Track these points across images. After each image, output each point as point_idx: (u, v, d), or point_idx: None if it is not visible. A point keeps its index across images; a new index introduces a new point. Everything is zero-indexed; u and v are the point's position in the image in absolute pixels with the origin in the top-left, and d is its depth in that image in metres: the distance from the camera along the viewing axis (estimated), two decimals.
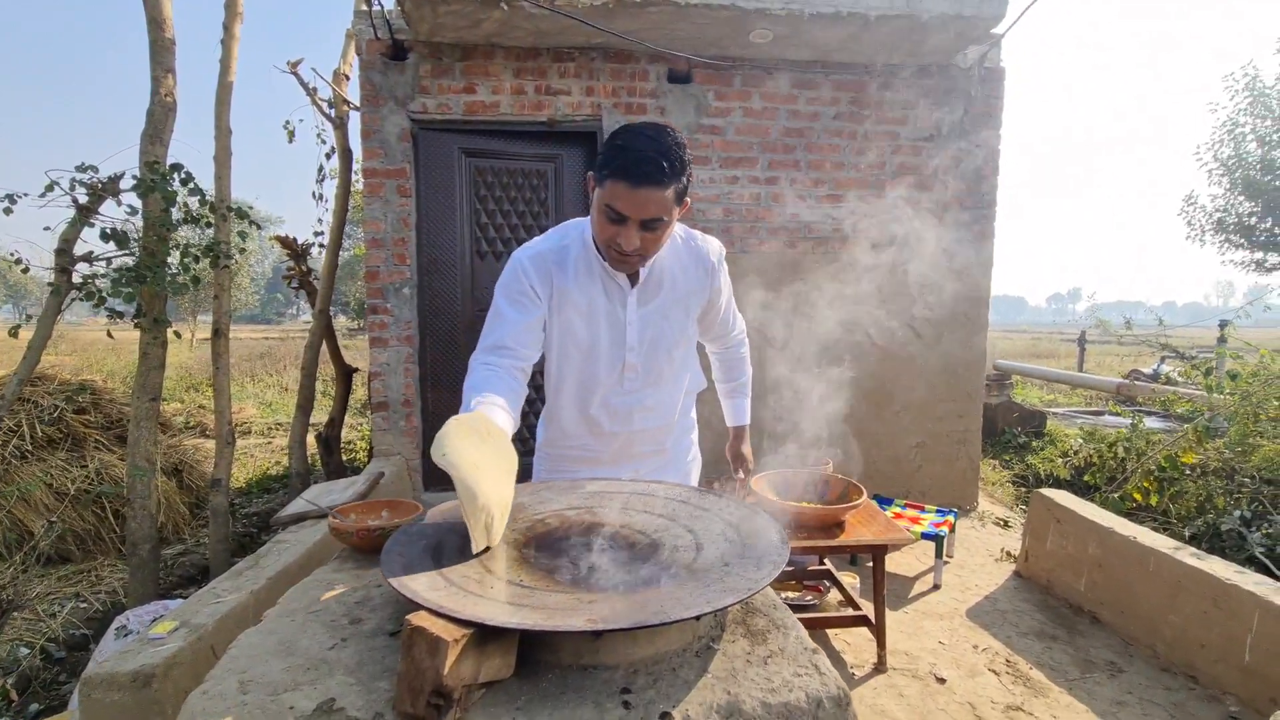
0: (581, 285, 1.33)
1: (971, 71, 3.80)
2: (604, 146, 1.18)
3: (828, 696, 0.75)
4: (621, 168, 1.13)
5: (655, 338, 1.38)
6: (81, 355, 9.29)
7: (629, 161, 1.13)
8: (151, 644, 1.64)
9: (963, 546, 3.45)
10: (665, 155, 1.13)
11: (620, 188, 1.14)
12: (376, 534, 1.13)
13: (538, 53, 3.53)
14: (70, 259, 2.34)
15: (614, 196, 1.15)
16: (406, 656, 0.68)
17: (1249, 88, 10.67)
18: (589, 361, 1.37)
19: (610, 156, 1.15)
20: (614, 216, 1.17)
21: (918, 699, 2.13)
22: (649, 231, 1.19)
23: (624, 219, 1.17)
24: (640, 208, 1.15)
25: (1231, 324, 6.93)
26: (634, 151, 1.13)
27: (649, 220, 1.17)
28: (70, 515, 3.33)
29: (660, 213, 1.17)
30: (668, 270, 1.37)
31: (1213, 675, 2.13)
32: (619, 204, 1.15)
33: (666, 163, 1.13)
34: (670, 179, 1.15)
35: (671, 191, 1.16)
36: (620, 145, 1.15)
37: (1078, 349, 12.91)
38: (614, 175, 1.14)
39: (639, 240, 1.19)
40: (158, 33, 2.58)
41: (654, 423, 1.47)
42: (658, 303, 1.37)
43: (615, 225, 1.18)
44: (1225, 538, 2.93)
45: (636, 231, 1.18)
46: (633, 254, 1.21)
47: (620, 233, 1.18)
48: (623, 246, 1.19)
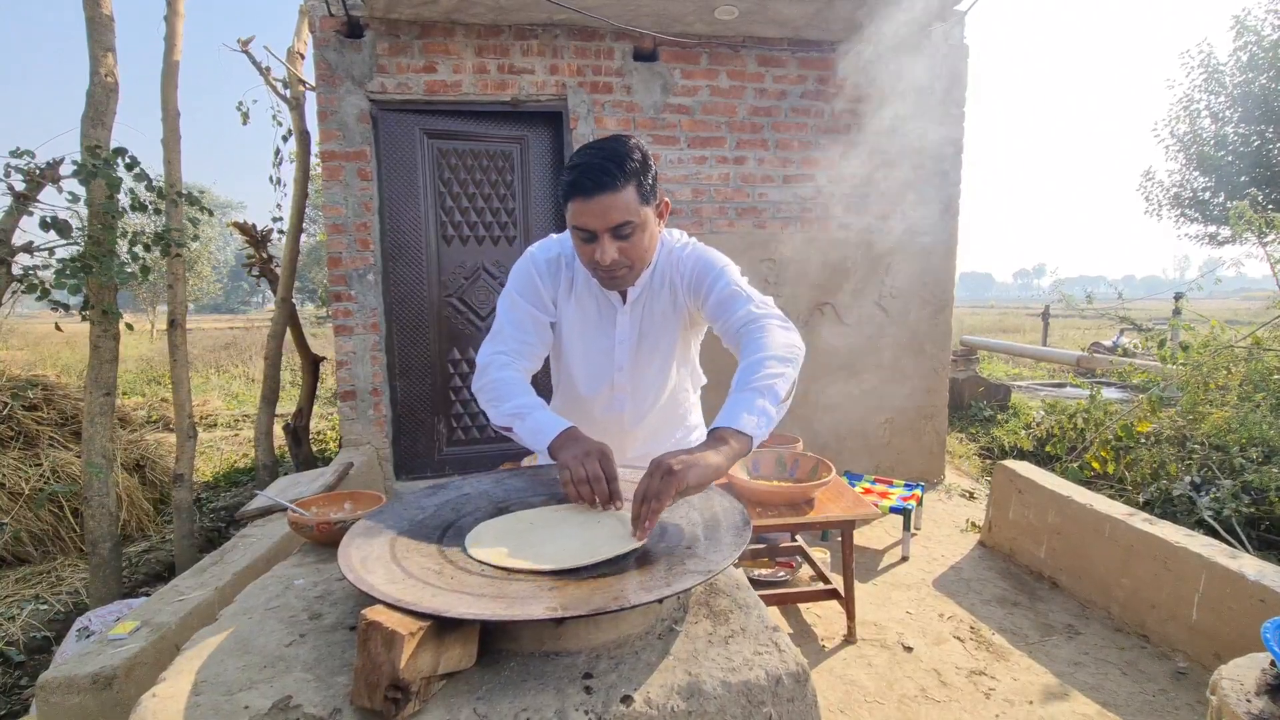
0: (583, 297, 1.34)
1: (936, 49, 3.81)
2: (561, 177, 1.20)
3: (787, 673, 0.76)
4: (574, 183, 1.14)
5: (643, 356, 1.37)
6: (33, 349, 8.94)
7: (579, 175, 1.13)
8: (112, 645, 1.60)
9: (930, 519, 3.54)
10: (614, 159, 1.12)
11: (578, 203, 1.14)
12: (337, 526, 1.11)
13: (499, 30, 3.44)
14: (9, 249, 2.23)
15: (577, 215, 1.15)
16: (363, 651, 0.67)
17: (1203, 64, 10.92)
18: (577, 375, 1.39)
19: (564, 179, 1.16)
20: (585, 235, 1.17)
21: (886, 667, 2.19)
22: (623, 240, 1.17)
23: (593, 234, 1.16)
24: (602, 216, 1.13)
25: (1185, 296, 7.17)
26: (582, 166, 1.13)
27: (617, 227, 1.15)
28: (26, 515, 3.22)
29: (626, 216, 1.14)
30: (657, 286, 1.34)
31: (1163, 634, 2.23)
32: (582, 219, 1.15)
33: (615, 165, 1.12)
34: (624, 180, 1.13)
35: (631, 193, 1.14)
36: (570, 165, 1.15)
37: (1042, 323, 13.25)
38: (570, 193, 1.14)
39: (615, 251, 1.17)
40: (95, 9, 2.46)
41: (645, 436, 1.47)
42: (647, 319, 1.35)
43: (589, 245, 1.18)
44: (1177, 503, 3.06)
45: (611, 242, 1.16)
46: (614, 268, 1.19)
47: (595, 249, 1.17)
48: (600, 261, 1.17)
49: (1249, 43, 10.23)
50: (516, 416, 1.16)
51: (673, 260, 1.34)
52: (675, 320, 1.37)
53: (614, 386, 1.37)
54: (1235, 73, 10.59)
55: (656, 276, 1.34)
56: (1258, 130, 10.38)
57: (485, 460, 3.75)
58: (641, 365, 1.38)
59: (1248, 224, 3.63)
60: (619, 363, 1.36)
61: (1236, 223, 3.71)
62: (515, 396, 1.19)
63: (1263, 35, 10.07)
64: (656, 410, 1.44)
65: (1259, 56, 10.04)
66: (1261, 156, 10.32)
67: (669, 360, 1.41)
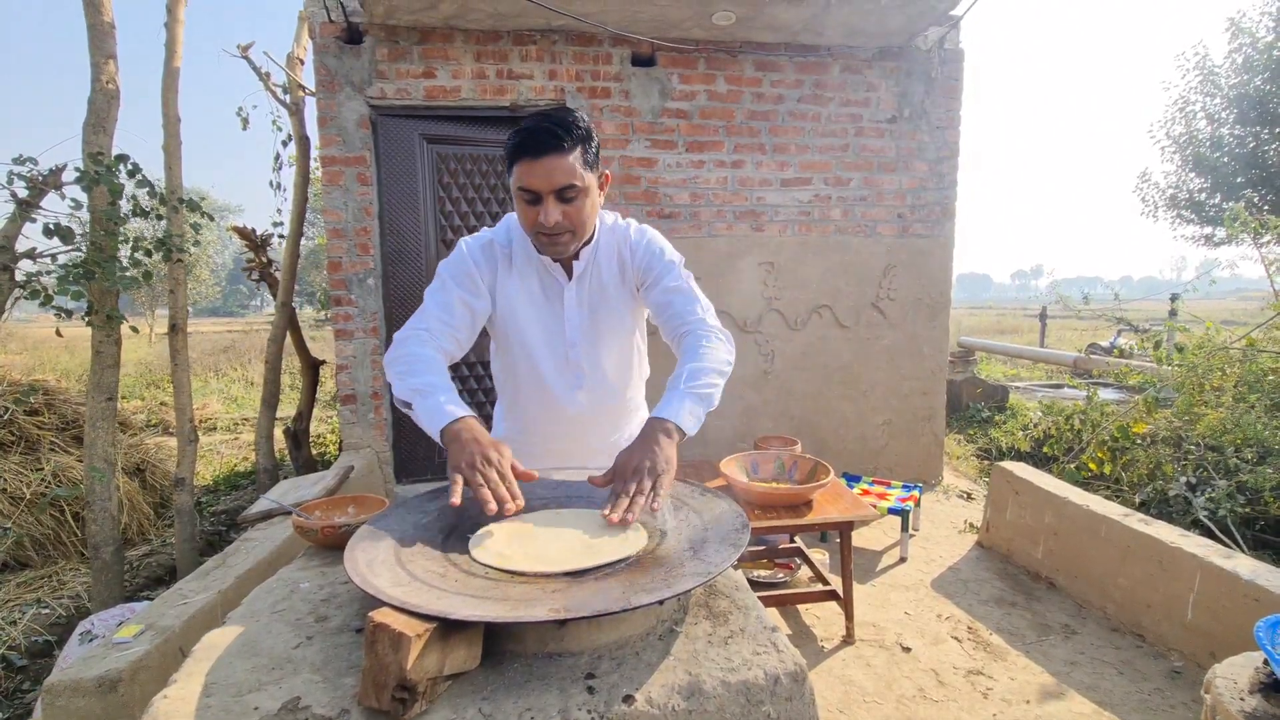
0: (525, 279, 1.33)
1: (931, 53, 3.84)
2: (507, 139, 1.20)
3: (785, 673, 0.78)
4: (521, 145, 1.16)
5: (594, 332, 1.37)
6: (33, 354, 8.95)
7: (526, 138, 1.16)
8: (117, 648, 1.61)
9: (928, 520, 3.56)
10: (560, 125, 1.16)
11: (524, 165, 1.16)
12: (342, 530, 1.13)
13: (498, 35, 3.46)
14: (11, 256, 2.24)
15: (522, 176, 1.17)
16: (370, 652, 0.69)
17: (1199, 66, 10.96)
18: (533, 355, 1.36)
19: (511, 142, 1.18)
20: (529, 197, 1.19)
21: (884, 668, 2.21)
22: (567, 204, 1.19)
23: (538, 195, 1.18)
24: (547, 177, 1.16)
25: (1181, 297, 7.20)
26: (529, 129, 1.16)
27: (561, 190, 1.17)
28: (27, 520, 3.23)
29: (570, 179, 1.17)
30: (601, 261, 1.36)
31: (1158, 633, 2.25)
32: (528, 180, 1.17)
33: (562, 129, 1.16)
34: (571, 144, 1.16)
35: (576, 158, 1.17)
36: (517, 130, 1.18)
37: (1040, 324, 13.29)
38: (518, 155, 1.17)
39: (559, 213, 1.19)
40: (96, 16, 2.47)
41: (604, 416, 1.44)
42: (595, 295, 1.36)
43: (534, 206, 1.19)
44: (1173, 503, 3.08)
45: (555, 205, 1.18)
46: (558, 231, 1.20)
47: (540, 211, 1.19)
48: (544, 223, 1.19)
49: (1244, 45, 10.27)
50: (419, 393, 1.12)
51: (619, 236, 1.37)
52: (626, 297, 1.38)
53: (569, 362, 1.36)
54: (1230, 75, 10.64)
55: (601, 252, 1.35)
56: (1253, 132, 10.42)
57: None
58: (596, 342, 1.37)
59: (1243, 226, 3.65)
60: (571, 339, 1.35)
61: (1231, 225, 3.74)
62: (424, 374, 1.15)
63: (1258, 37, 10.12)
64: (614, 392, 1.43)
65: (1254, 59, 10.09)
66: (1257, 158, 10.36)
67: (622, 338, 1.41)
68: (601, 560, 0.88)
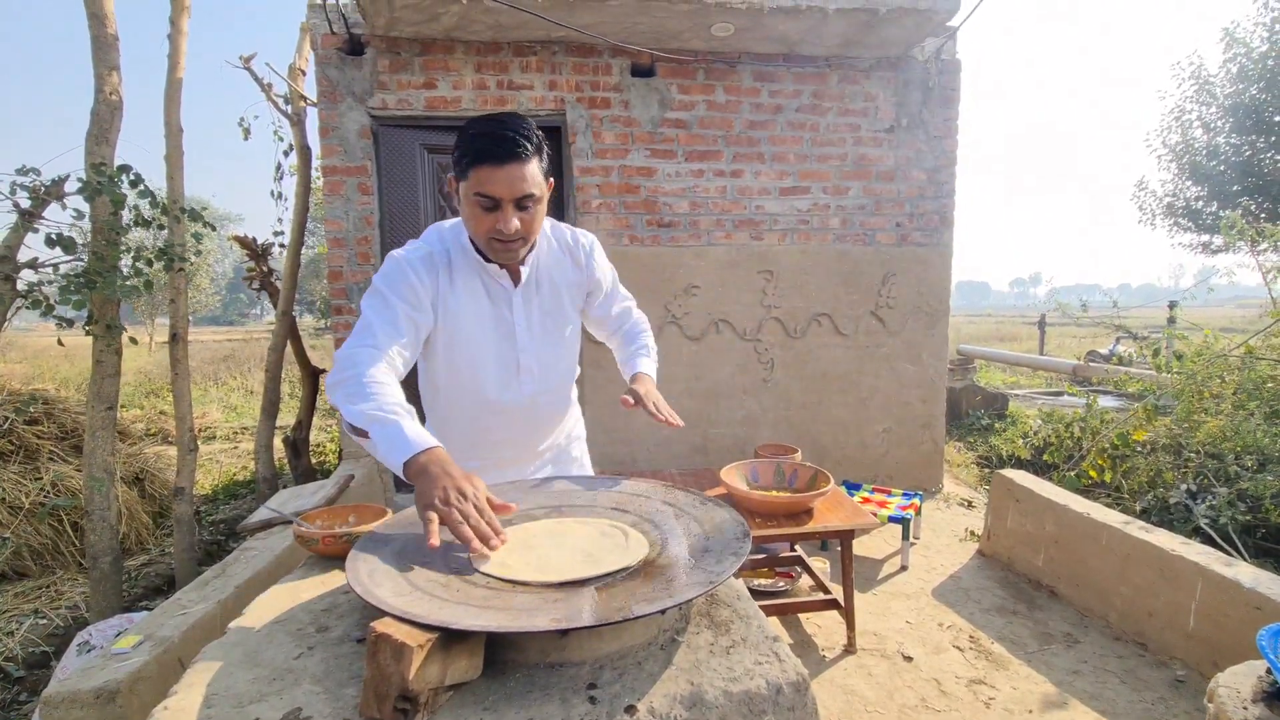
0: (468, 288, 1.29)
1: (929, 63, 3.87)
2: (458, 142, 1.18)
3: (787, 682, 0.78)
4: (484, 151, 1.13)
5: (544, 336, 1.37)
6: (32, 363, 8.94)
7: (489, 144, 1.13)
8: (115, 659, 1.60)
9: (929, 528, 3.55)
10: (520, 132, 1.14)
11: (486, 170, 1.14)
12: (343, 540, 1.13)
13: (499, 47, 3.49)
14: (13, 266, 2.25)
15: (482, 182, 1.14)
16: (372, 663, 0.69)
17: (1194, 76, 11.05)
18: (479, 367, 1.32)
19: (468, 147, 1.15)
20: (487, 204, 1.16)
21: (886, 677, 2.20)
22: (524, 212, 1.19)
23: (497, 203, 1.16)
24: (510, 186, 1.15)
25: (1179, 305, 7.22)
26: (491, 135, 1.13)
27: (522, 199, 1.17)
28: (25, 530, 3.22)
29: (531, 188, 1.17)
30: (545, 267, 1.36)
31: (1161, 642, 2.24)
32: (489, 187, 1.15)
33: (524, 138, 1.14)
34: (532, 153, 1.16)
35: (536, 166, 1.17)
36: (475, 134, 1.15)
37: (1038, 332, 13.31)
38: (478, 161, 1.14)
39: (517, 222, 1.18)
40: (100, 28, 2.49)
41: (550, 419, 1.46)
42: (542, 300, 1.36)
43: (491, 213, 1.17)
44: (1173, 510, 3.08)
45: (514, 213, 1.17)
46: (514, 239, 1.20)
47: (497, 219, 1.17)
48: (503, 231, 1.18)
49: (1238, 54, 10.36)
50: (376, 420, 1.03)
51: (560, 239, 1.40)
52: (577, 298, 1.43)
53: (519, 368, 1.34)
54: (1226, 84, 10.72)
55: (544, 255, 1.36)
56: (1249, 140, 10.49)
57: None
58: (546, 345, 1.38)
59: (1240, 234, 3.67)
60: (522, 344, 1.34)
61: (1229, 233, 3.76)
62: (380, 396, 1.06)
63: (1252, 47, 10.21)
64: (557, 392, 1.44)
65: (1248, 68, 10.17)
66: (1253, 166, 10.43)
67: (570, 339, 1.44)
68: (603, 570, 0.89)
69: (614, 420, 3.75)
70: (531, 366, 1.36)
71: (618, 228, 3.70)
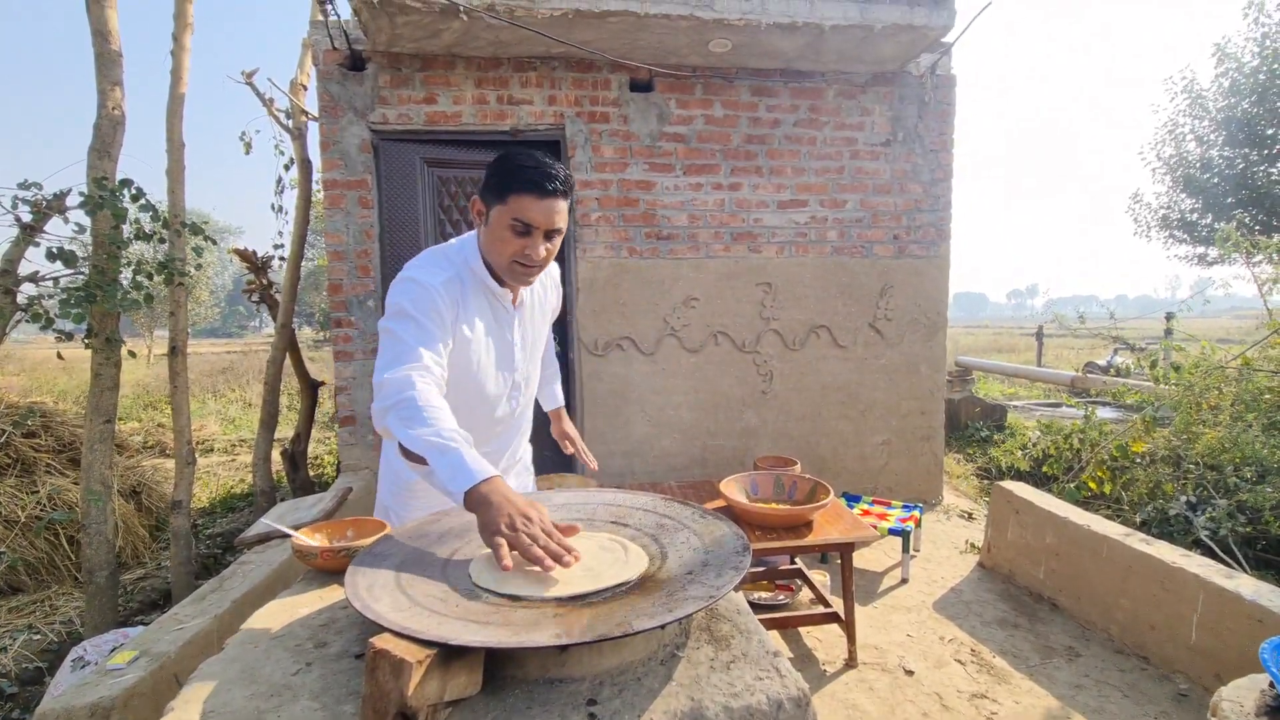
0: (478, 310, 1.34)
1: (924, 78, 3.92)
2: (497, 169, 1.23)
3: (788, 698, 0.78)
4: (531, 181, 1.19)
5: (532, 356, 1.48)
6: (30, 375, 8.93)
7: (537, 175, 1.19)
8: (110, 675, 1.59)
9: (929, 540, 3.54)
10: (563, 172, 1.23)
11: (529, 200, 1.20)
12: (342, 554, 1.12)
13: (499, 62, 3.53)
14: (14, 279, 2.26)
15: (522, 209, 1.21)
16: (370, 679, 0.68)
17: (1187, 90, 11.17)
18: (484, 384, 1.37)
19: (513, 173, 1.20)
20: (521, 230, 1.23)
21: (887, 692, 2.18)
22: (549, 242, 1.26)
23: (530, 230, 1.23)
24: (548, 217, 1.22)
25: (1176, 316, 7.25)
26: (538, 167, 1.20)
27: (552, 231, 1.25)
28: (21, 544, 3.20)
29: (563, 223, 1.26)
30: (535, 293, 1.47)
31: (1163, 655, 2.23)
32: (528, 215, 1.21)
33: (566, 177, 1.23)
34: (570, 192, 1.26)
35: (568, 205, 1.27)
36: (520, 164, 1.21)
37: (1036, 343, 13.34)
38: (522, 189, 1.20)
39: (544, 250, 1.26)
40: (103, 44, 2.52)
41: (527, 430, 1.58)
42: (532, 322, 1.47)
43: (523, 238, 1.23)
44: (1173, 522, 3.07)
45: (542, 242, 1.25)
46: (536, 266, 1.28)
47: (528, 244, 1.24)
48: (532, 257, 1.25)
49: (1230, 69, 10.49)
50: (439, 449, 1.03)
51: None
52: (551, 316, 1.59)
53: (514, 386, 1.44)
54: (1218, 98, 10.84)
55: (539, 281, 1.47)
56: (1242, 154, 10.58)
57: None
58: (532, 364, 1.50)
59: (1235, 246, 3.69)
60: (518, 363, 1.43)
61: (1224, 245, 3.78)
62: (438, 422, 1.06)
63: (1243, 62, 10.33)
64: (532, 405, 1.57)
65: (1240, 82, 10.29)
66: (1246, 179, 10.51)
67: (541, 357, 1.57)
68: (602, 585, 0.88)
69: (613, 432, 3.75)
70: (522, 384, 1.46)
71: (617, 240, 3.72)
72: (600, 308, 3.70)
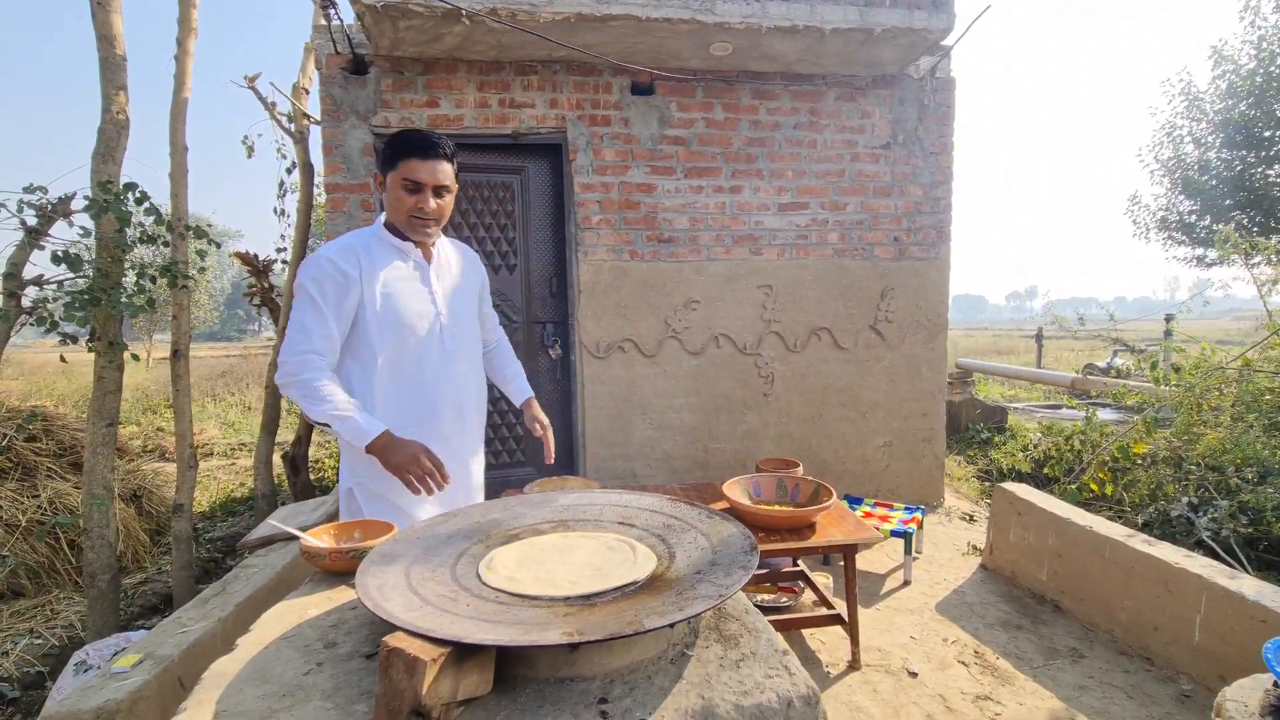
0: (389, 263, 1.58)
1: (924, 81, 3.93)
2: (389, 143, 1.51)
3: (798, 696, 0.78)
4: (417, 146, 1.49)
5: (456, 306, 1.68)
6: (29, 379, 8.91)
7: (419, 142, 1.49)
8: (115, 678, 1.59)
9: (931, 542, 3.54)
10: (441, 139, 1.52)
11: (415, 162, 1.49)
12: (350, 555, 1.13)
13: (501, 66, 3.54)
14: (19, 283, 2.26)
15: (411, 170, 1.49)
16: (384, 678, 0.69)
17: (1184, 92, 11.20)
18: (409, 330, 1.58)
19: (401, 143, 1.50)
20: (412, 187, 1.50)
21: (891, 694, 2.18)
22: (439, 199, 1.54)
23: (421, 187, 1.50)
24: (433, 175, 1.50)
25: (1176, 318, 7.26)
26: (419, 135, 1.50)
27: (440, 187, 1.52)
28: (22, 548, 3.20)
29: (447, 181, 1.54)
30: (450, 257, 1.71)
31: (1166, 656, 2.23)
32: (417, 174, 1.49)
33: (443, 142, 1.52)
34: (449, 154, 1.54)
35: (449, 166, 1.54)
36: (405, 137, 1.51)
37: (1036, 345, 13.35)
38: (408, 154, 1.49)
39: (435, 204, 1.53)
40: (108, 49, 2.53)
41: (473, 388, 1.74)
42: (450, 279, 1.69)
43: (414, 195, 1.51)
44: (1175, 523, 3.08)
45: (431, 197, 1.52)
46: (430, 218, 1.53)
47: (419, 199, 1.51)
48: (425, 210, 1.51)
49: (1227, 71, 10.51)
50: (340, 419, 1.43)
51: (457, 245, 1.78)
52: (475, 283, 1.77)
53: (442, 328, 1.63)
54: (1215, 100, 10.86)
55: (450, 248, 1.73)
56: (1239, 156, 10.61)
57: (490, 486, 3.74)
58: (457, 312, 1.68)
59: (1233, 248, 3.71)
60: (440, 307, 1.64)
61: (1222, 247, 3.79)
62: (332, 399, 1.44)
63: (1240, 64, 10.36)
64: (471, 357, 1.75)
65: (1237, 85, 10.31)
66: (1244, 181, 10.53)
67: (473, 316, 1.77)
68: (612, 584, 0.89)
69: (614, 434, 3.75)
70: (450, 329, 1.66)
71: (618, 243, 3.73)
72: (602, 310, 3.71)
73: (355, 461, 1.59)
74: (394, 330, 1.56)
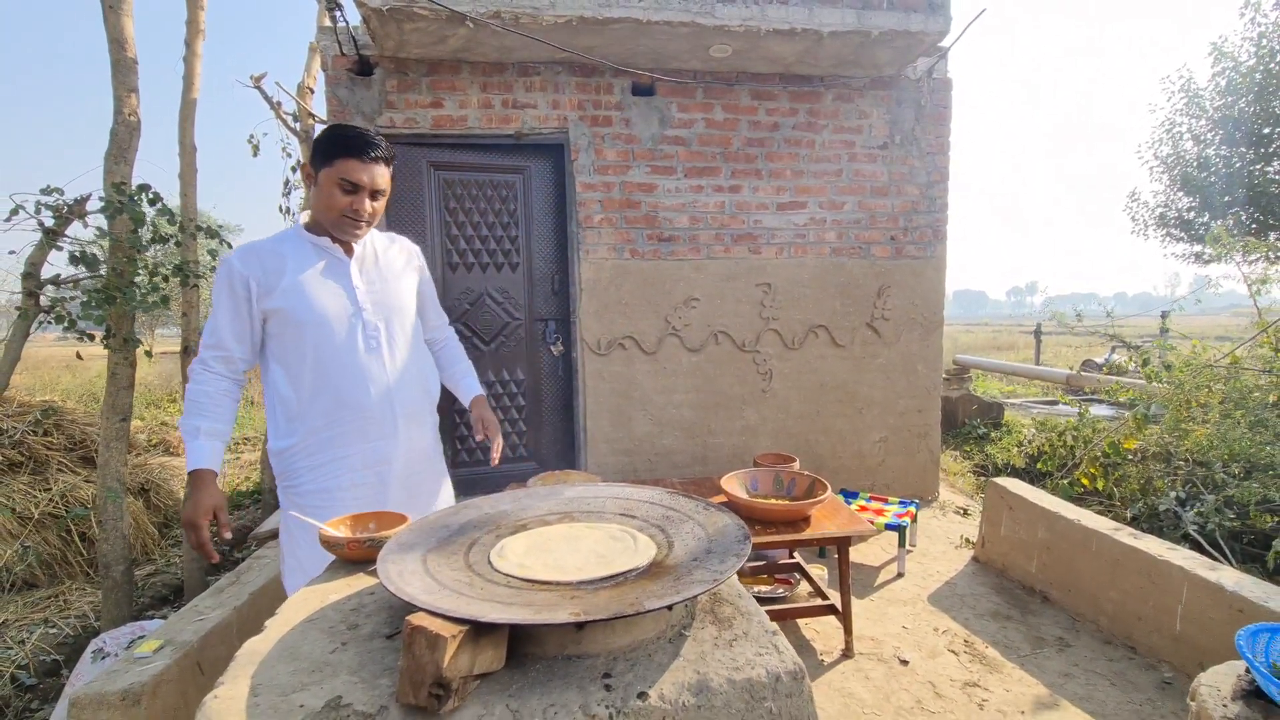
0: (301, 263, 1.51)
1: (921, 82, 3.98)
2: (324, 137, 1.46)
3: (785, 671, 0.85)
4: (355, 147, 1.44)
5: (384, 303, 1.60)
6: (33, 374, 8.99)
7: (358, 142, 1.44)
8: (138, 663, 1.66)
9: (925, 535, 3.61)
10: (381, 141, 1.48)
11: (353, 163, 1.44)
12: (367, 545, 1.19)
13: (504, 67, 3.59)
14: (37, 282, 2.32)
15: (348, 170, 1.44)
16: (408, 653, 0.75)
17: (1184, 89, 11.23)
18: (324, 329, 1.51)
19: (338, 141, 1.44)
20: (349, 188, 1.46)
21: (882, 680, 2.26)
22: (375, 202, 1.50)
23: (358, 188, 1.46)
24: (371, 177, 1.46)
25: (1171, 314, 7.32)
26: (359, 135, 1.45)
27: (377, 191, 1.49)
28: (35, 540, 3.27)
29: (384, 185, 1.50)
30: (378, 249, 1.64)
31: (1149, 645, 2.31)
32: (354, 176, 1.44)
33: (383, 145, 1.48)
34: (389, 159, 1.50)
35: (389, 170, 1.51)
36: (342, 133, 1.45)
37: (1035, 341, 13.41)
38: (346, 154, 1.44)
39: (371, 208, 1.49)
40: (120, 52, 2.58)
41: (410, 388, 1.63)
42: (378, 272, 1.61)
43: (350, 195, 1.46)
44: (1163, 517, 3.15)
45: (368, 200, 1.48)
46: (364, 220, 1.50)
47: (355, 200, 1.47)
48: (360, 212, 1.47)
49: (1227, 69, 10.54)
50: (191, 435, 1.43)
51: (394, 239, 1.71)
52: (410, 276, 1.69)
53: (365, 326, 1.56)
54: (1215, 97, 10.89)
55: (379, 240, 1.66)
56: (1238, 153, 10.64)
57: (491, 481, 3.81)
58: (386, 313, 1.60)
59: (1226, 246, 3.77)
60: (361, 303, 1.56)
61: (1215, 245, 3.85)
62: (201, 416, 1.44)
63: (1240, 62, 10.38)
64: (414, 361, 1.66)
65: (1237, 82, 10.34)
66: (1243, 178, 10.57)
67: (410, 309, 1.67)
68: (615, 570, 0.95)
69: (615, 430, 3.82)
70: (379, 327, 1.58)
71: (619, 242, 3.78)
72: (603, 308, 3.77)
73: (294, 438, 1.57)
74: (311, 330, 1.50)
